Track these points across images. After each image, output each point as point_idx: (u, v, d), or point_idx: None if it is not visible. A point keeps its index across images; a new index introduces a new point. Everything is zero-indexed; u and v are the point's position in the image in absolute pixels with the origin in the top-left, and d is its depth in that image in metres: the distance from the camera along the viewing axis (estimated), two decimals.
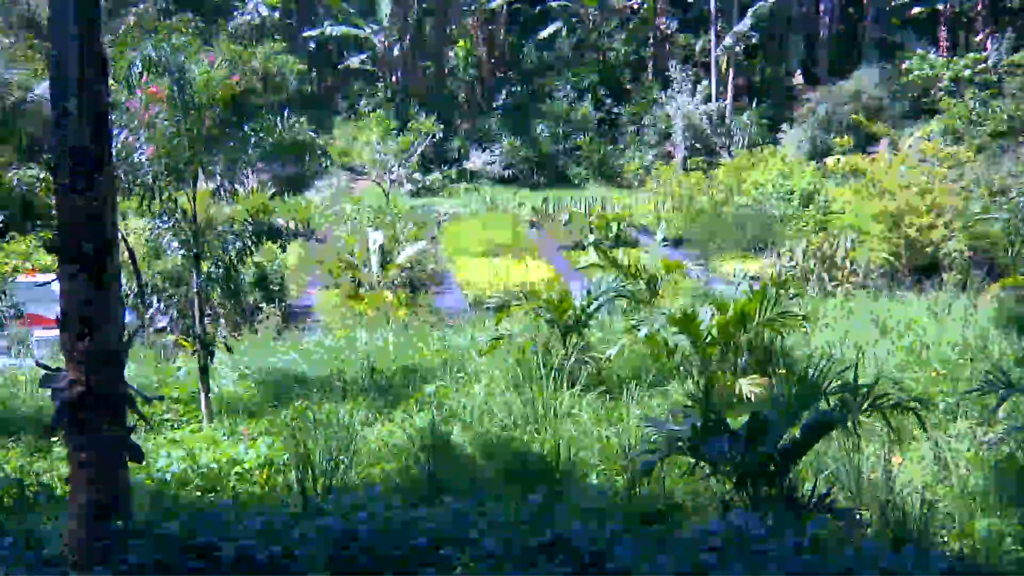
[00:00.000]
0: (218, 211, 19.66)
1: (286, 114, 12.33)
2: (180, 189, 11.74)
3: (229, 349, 12.87)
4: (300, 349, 15.66)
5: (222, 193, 12.40)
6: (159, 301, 11.96)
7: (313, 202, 35.47)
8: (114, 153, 7.31)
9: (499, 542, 5.09)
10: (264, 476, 9.22)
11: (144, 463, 7.30)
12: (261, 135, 11.95)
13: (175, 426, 11.58)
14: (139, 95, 11.02)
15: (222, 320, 18.75)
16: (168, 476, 9.19)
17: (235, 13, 46.30)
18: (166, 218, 11.68)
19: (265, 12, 46.61)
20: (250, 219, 11.86)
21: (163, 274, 16.17)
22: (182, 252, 11.91)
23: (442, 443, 9.84)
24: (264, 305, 19.88)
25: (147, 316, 12.69)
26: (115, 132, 10.62)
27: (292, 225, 30.64)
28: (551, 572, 4.82)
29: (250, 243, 11.99)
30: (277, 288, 20.67)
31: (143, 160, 11.25)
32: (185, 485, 9.16)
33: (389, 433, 10.70)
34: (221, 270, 11.90)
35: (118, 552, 5.04)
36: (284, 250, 11.46)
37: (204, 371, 11.74)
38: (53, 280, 5.49)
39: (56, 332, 6.10)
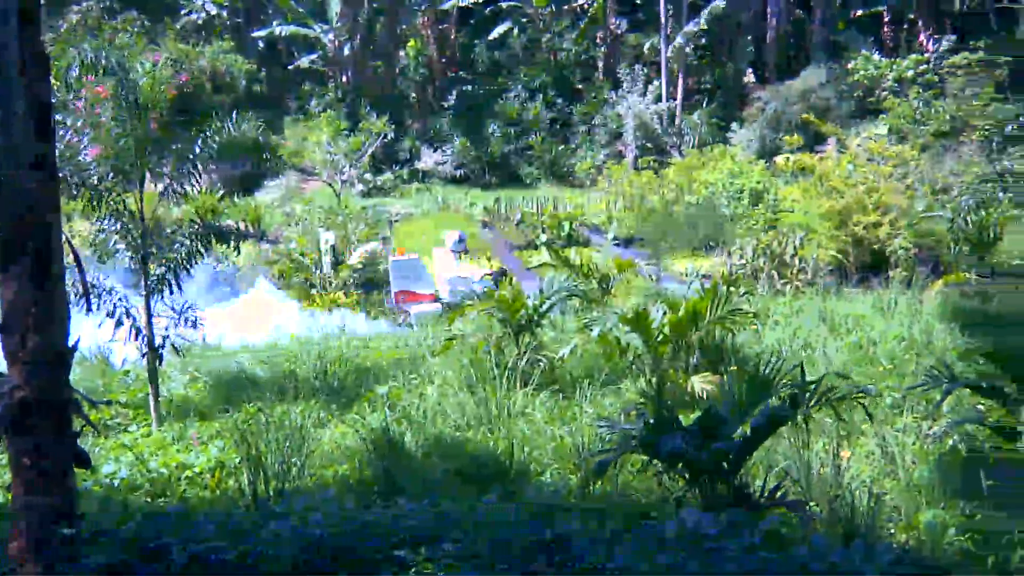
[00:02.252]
0: (166, 213, 19.39)
1: (234, 114, 12.19)
2: (127, 190, 11.56)
3: (179, 352, 12.71)
4: (252, 351, 15.52)
5: (170, 194, 12.23)
6: (105, 303, 11.74)
7: (263, 203, 35.15)
8: (58, 154, 7.17)
9: (454, 542, 5.09)
10: (215, 480, 9.12)
11: (92, 469, 7.18)
12: (209, 135, 11.80)
13: (124, 431, 11.40)
14: (84, 95, 10.84)
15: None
16: (116, 482, 9.04)
17: (182, 12, 45.73)
18: (113, 220, 11.50)
19: (213, 11, 46.07)
20: (199, 220, 11.71)
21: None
22: (129, 254, 11.73)
23: (395, 444, 9.80)
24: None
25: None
26: (59, 132, 10.43)
27: (242, 226, 30.30)
28: (510, 571, 4.83)
29: (199, 245, 11.84)
30: (227, 290, 20.46)
31: (88, 161, 11.07)
32: (134, 490, 9.03)
33: (342, 435, 10.63)
34: (170, 272, 11.73)
35: (63, 559, 4.95)
36: (238, 251, 11.33)
37: (153, 375, 11.57)
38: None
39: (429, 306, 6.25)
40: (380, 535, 5.18)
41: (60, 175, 7.31)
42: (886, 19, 43.95)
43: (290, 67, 45.71)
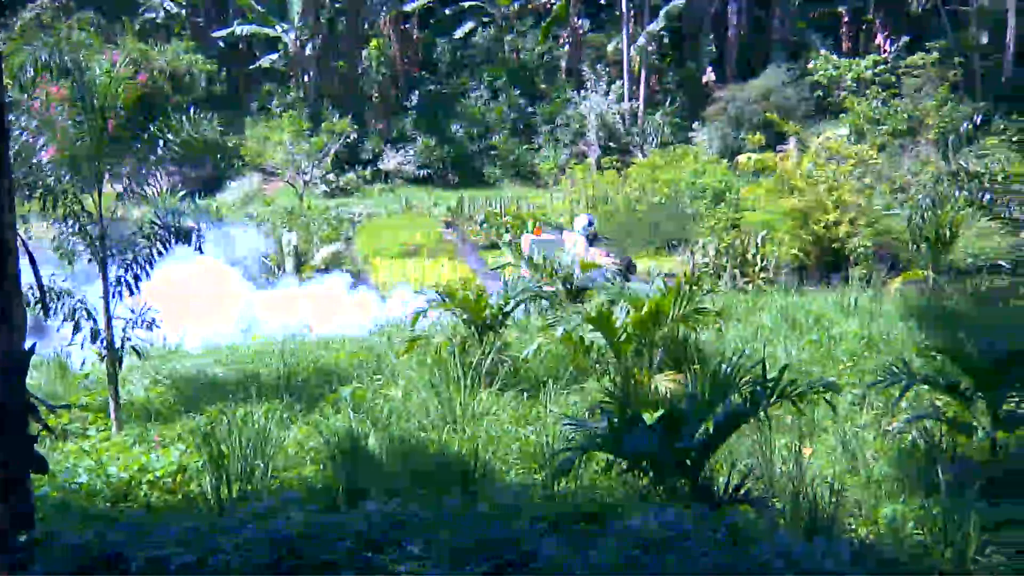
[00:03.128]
0: (126, 214, 19.15)
1: (194, 113, 12.05)
2: (85, 192, 11.40)
3: (140, 355, 12.56)
4: (214, 353, 15.39)
5: (129, 195, 12.07)
6: (64, 306, 11.57)
7: (225, 203, 34.86)
8: (12, 154, 7.06)
9: (420, 544, 5.07)
10: (177, 483, 9.02)
11: (50, 474, 7.08)
12: (168, 135, 11.66)
13: (83, 435, 11.25)
14: (39, 95, 10.68)
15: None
16: (75, 487, 8.91)
17: (140, 11, 45.23)
18: (70, 222, 11.33)
19: (173, 10, 45.62)
20: (159, 221, 11.56)
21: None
22: (88, 256, 11.57)
23: (359, 446, 9.75)
24: None
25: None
26: (15, 133, 10.27)
27: (204, 227, 30.01)
28: (473, 573, 4.82)
29: (159, 246, 11.69)
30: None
31: (45, 162, 10.90)
32: (94, 495, 8.89)
33: (306, 436, 10.56)
34: (129, 274, 11.58)
35: (21, 566, 4.88)
36: (201, 252, 11.25)
37: (113, 378, 11.43)
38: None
39: None
40: (345, 537, 5.15)
41: (14, 176, 7.20)
42: (845, 20, 44.46)
43: (252, 67, 45.36)
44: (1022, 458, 9.18)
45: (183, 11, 46.44)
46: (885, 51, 39.39)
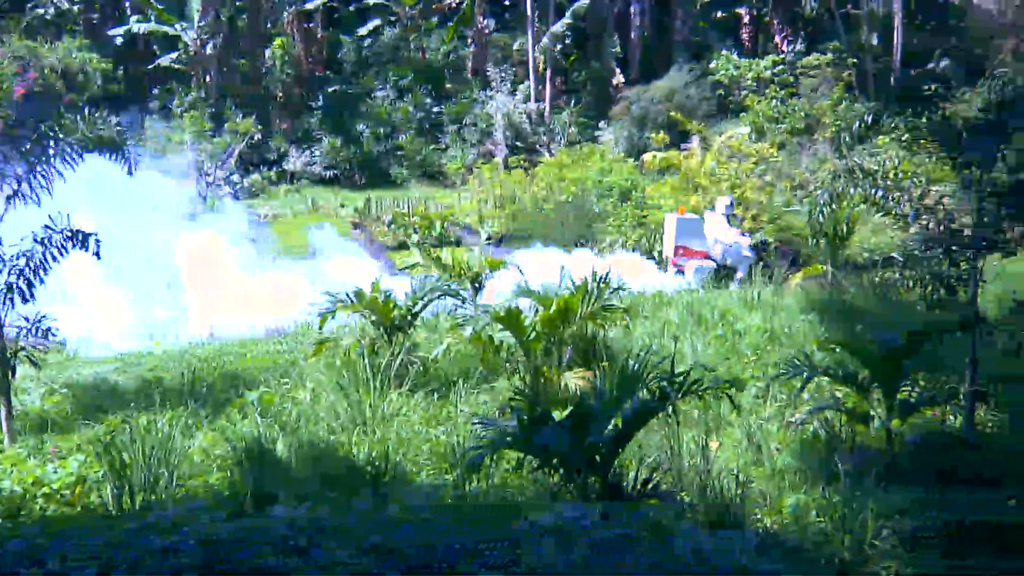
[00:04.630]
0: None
1: (88, 113, 11.67)
2: None
3: (35, 364, 12.11)
4: (115, 360, 14.96)
5: (20, 197, 11.61)
6: None
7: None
8: None
9: (327, 549, 5.01)
10: (75, 495, 8.73)
11: None
12: (60, 135, 11.25)
13: None
14: None
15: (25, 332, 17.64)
16: None
17: (29, 7, 43.67)
18: None
19: (65, 6, 44.16)
20: (53, 224, 11.14)
21: None
22: None
23: (267, 451, 9.59)
24: None
25: None
26: None
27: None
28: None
29: (54, 250, 11.27)
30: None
31: None
32: None
33: (211, 443, 10.34)
34: (22, 280, 11.15)
35: None
36: (99, 257, 10.83)
37: (5, 388, 11.00)
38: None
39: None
40: (250, 545, 5.06)
41: None
42: (745, 21, 45.45)
43: (150, 66, 44.17)
44: (914, 446, 9.53)
45: (76, 7, 44.96)
46: (783, 52, 40.40)
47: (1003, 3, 34.26)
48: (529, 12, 41.44)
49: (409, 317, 13.03)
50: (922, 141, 11.04)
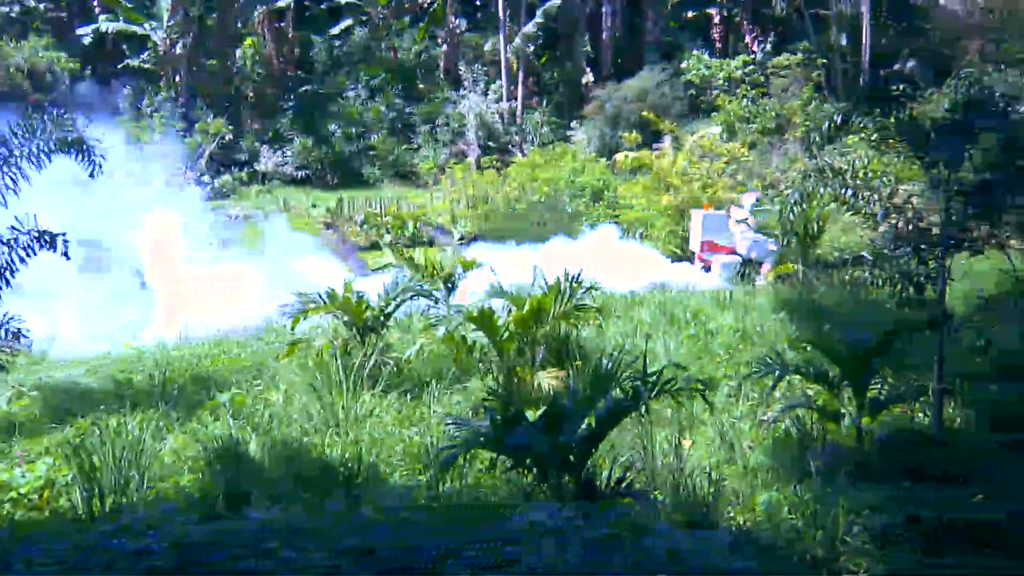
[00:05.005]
0: None
1: (55, 113, 11.53)
2: None
3: (2, 366, 11.98)
4: (84, 362, 14.81)
5: None
6: None
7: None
8: None
9: (301, 550, 4.99)
10: (44, 499, 8.63)
11: None
12: (25, 136, 11.10)
13: None
14: None
15: None
16: None
17: None
18: None
19: (31, 4, 43.63)
20: (20, 225, 11.00)
21: None
22: None
23: (239, 452, 9.54)
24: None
25: None
26: None
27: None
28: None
29: (20, 252, 11.14)
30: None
31: None
32: None
33: (183, 445, 10.27)
34: None
35: None
36: (68, 258, 10.70)
37: None
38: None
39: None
40: (222, 547, 5.02)
41: None
42: (715, 21, 45.68)
43: (119, 66, 43.73)
44: (883, 444, 9.62)
45: (42, 5, 44.42)
46: (754, 52, 40.66)
47: (969, 4, 34.67)
48: (501, 12, 41.43)
49: (382, 318, 13.01)
50: (891, 141, 11.13)
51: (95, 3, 44.99)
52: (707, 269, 23.96)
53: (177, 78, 42.31)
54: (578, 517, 5.67)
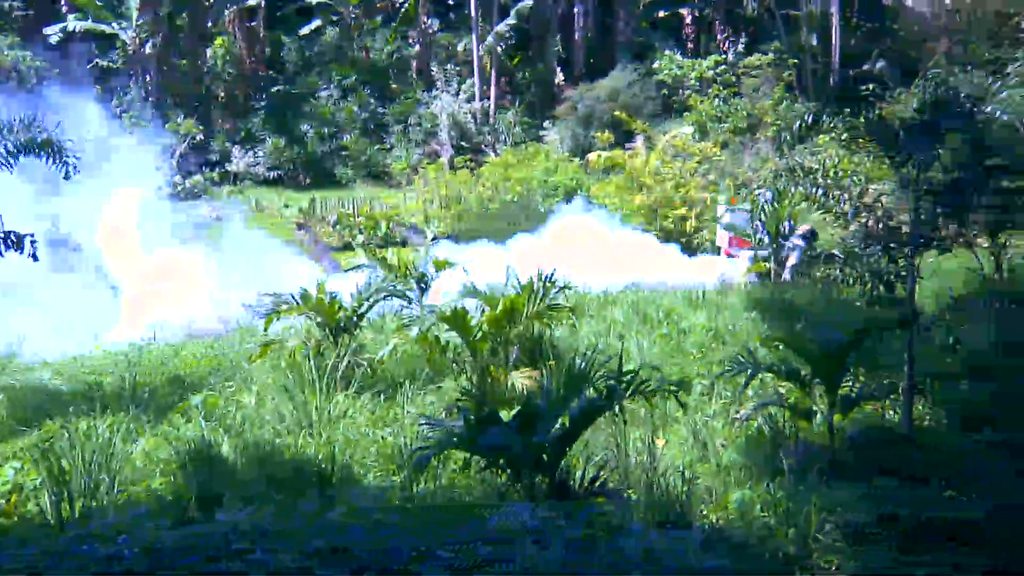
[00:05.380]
0: None
1: (25, 114, 11.42)
2: None
3: None
4: (53, 365, 14.65)
5: None
6: None
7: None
8: None
9: (273, 552, 4.96)
10: (11, 504, 8.53)
11: None
12: None
13: None
14: None
15: None
16: None
17: None
18: None
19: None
20: None
21: None
22: None
23: (211, 454, 9.47)
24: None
25: None
26: None
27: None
28: None
29: None
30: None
31: None
32: None
33: (154, 448, 10.18)
34: None
35: None
36: (35, 259, 10.60)
37: None
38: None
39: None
40: (194, 551, 4.99)
41: None
42: (687, 21, 45.88)
43: (89, 65, 43.28)
44: (854, 442, 9.70)
45: (8, 3, 43.89)
46: (725, 52, 40.90)
47: (935, 6, 35.05)
48: (473, 12, 41.42)
49: (355, 318, 12.97)
50: (860, 140, 11.23)
51: (63, 3, 44.53)
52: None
53: (147, 78, 41.97)
54: (552, 517, 5.68)
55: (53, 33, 42.32)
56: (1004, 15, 31.21)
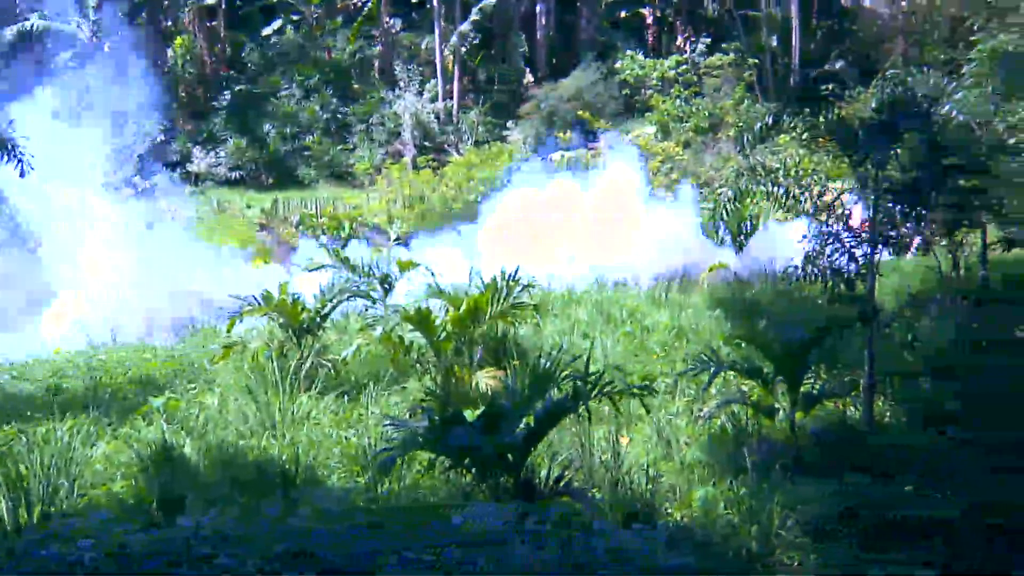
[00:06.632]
0: None
1: None
2: None
3: None
4: (10, 368, 14.42)
5: None
6: None
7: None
8: None
9: (236, 556, 4.92)
10: None
11: None
12: None
13: None
14: None
15: None
16: None
17: None
18: None
19: None
20: None
21: None
22: None
23: (173, 457, 9.37)
24: None
25: None
26: None
27: None
28: None
29: None
30: None
31: None
32: None
33: (115, 451, 10.05)
34: None
35: None
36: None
37: None
38: None
39: None
40: (157, 555, 4.94)
41: None
42: (648, 21, 46.11)
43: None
44: (816, 438, 9.81)
45: None
46: (686, 52, 41.16)
47: (893, 8, 35.53)
48: (436, 11, 41.33)
49: (318, 319, 12.89)
50: (820, 140, 11.37)
51: (18, 2, 43.84)
52: None
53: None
54: (517, 517, 5.68)
55: (9, 32, 41.70)
56: (959, 18, 31.71)
